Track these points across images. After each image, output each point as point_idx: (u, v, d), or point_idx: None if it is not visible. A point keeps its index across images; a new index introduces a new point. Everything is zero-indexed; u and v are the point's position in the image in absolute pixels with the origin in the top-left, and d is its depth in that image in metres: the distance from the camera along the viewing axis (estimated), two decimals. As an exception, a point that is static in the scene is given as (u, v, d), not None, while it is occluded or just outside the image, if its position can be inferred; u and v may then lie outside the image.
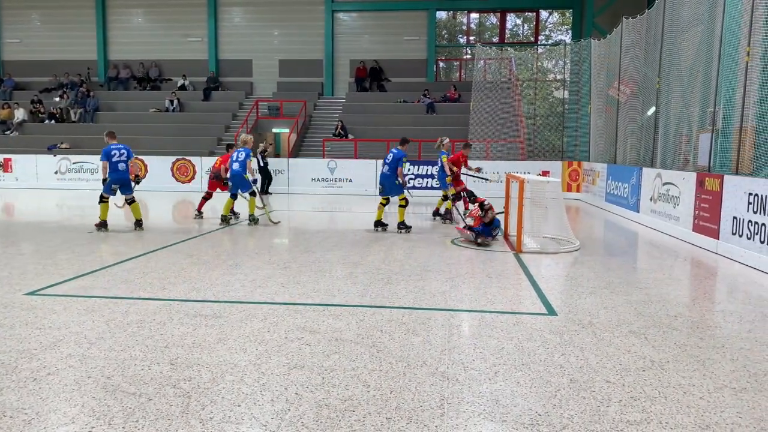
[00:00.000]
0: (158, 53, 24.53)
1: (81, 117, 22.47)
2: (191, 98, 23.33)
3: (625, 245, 9.86)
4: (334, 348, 4.09)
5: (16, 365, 3.70)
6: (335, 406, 3.18)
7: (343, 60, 24.05)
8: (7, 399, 3.21)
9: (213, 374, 3.60)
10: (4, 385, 3.39)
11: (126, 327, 4.51)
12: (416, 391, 3.39)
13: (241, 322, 4.66)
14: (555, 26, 26.19)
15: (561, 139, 20.71)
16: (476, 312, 5.15)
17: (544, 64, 24.40)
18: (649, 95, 12.79)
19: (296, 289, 5.81)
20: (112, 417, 3.02)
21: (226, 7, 24.23)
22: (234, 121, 22.17)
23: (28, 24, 25.07)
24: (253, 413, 3.09)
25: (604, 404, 3.25)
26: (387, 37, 23.77)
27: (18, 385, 3.39)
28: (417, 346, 4.16)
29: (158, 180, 18.18)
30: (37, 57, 24.89)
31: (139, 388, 3.38)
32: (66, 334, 4.33)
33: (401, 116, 21.44)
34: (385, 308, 5.14)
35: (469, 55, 25.42)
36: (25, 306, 5.08)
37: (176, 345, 4.11)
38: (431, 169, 17.52)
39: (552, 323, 4.76)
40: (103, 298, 5.36)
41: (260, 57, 24.29)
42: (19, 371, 3.60)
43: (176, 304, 5.21)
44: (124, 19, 24.72)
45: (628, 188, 12.42)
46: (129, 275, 6.37)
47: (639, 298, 5.64)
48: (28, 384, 3.42)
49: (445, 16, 25.67)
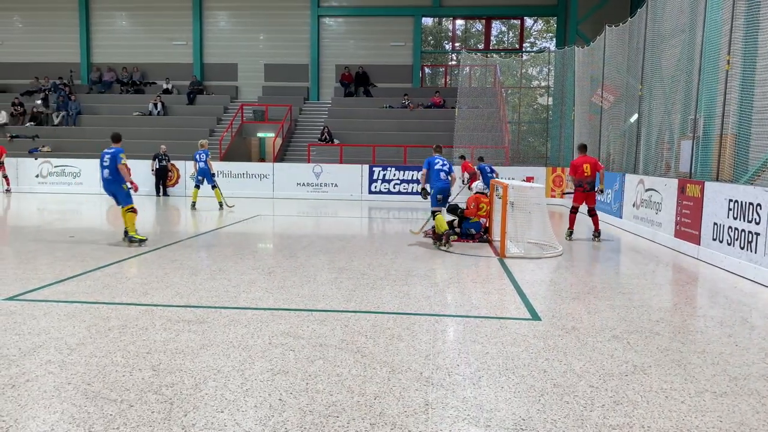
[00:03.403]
0: (142, 56, 24.33)
1: (63, 120, 22.21)
2: (176, 102, 23.18)
3: (608, 251, 9.94)
4: (318, 353, 4.07)
5: (-6, 372, 3.63)
6: (319, 412, 3.16)
7: (328, 65, 24.05)
8: (-15, 406, 3.15)
9: (196, 380, 3.56)
10: (-19, 392, 3.33)
11: (107, 332, 4.45)
12: (400, 396, 3.39)
13: (225, 328, 4.62)
14: (540, 33, 26.43)
15: (545, 145, 20.87)
16: (460, 317, 5.16)
17: (529, 70, 24.62)
18: (632, 102, 12.94)
19: (280, 295, 5.78)
20: (92, 424, 2.98)
21: (212, 11, 24.12)
22: (219, 125, 22.06)
23: (9, 26, 24.76)
24: (236, 419, 3.07)
25: (587, 409, 3.27)
26: (373, 42, 23.82)
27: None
28: (401, 351, 4.15)
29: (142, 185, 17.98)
30: (18, 59, 24.56)
31: (121, 394, 3.34)
32: (46, 339, 4.26)
33: (386, 121, 21.48)
34: (370, 313, 5.13)
35: (454, 61, 25.56)
36: (3, 311, 4.99)
37: (158, 351, 4.07)
38: (416, 174, 17.57)
39: (536, 328, 4.78)
40: (84, 304, 5.29)
41: (245, 61, 24.20)
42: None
43: (159, 309, 5.15)
44: (107, 22, 24.50)
45: (611, 194, 12.54)
46: (111, 280, 6.29)
47: (622, 303, 5.69)
48: (6, 391, 3.36)
49: (431, 23, 25.79)
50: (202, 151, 13.95)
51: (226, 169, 18.05)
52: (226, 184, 16.83)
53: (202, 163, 13.75)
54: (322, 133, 20.55)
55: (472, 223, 9.41)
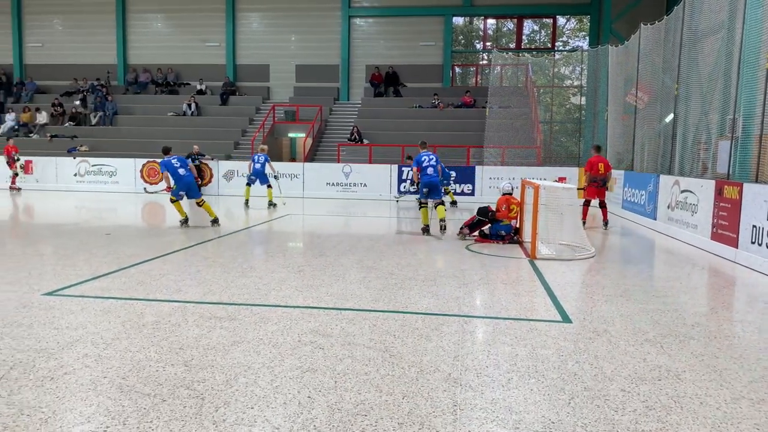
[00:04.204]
0: (177, 58, 24.79)
1: (100, 120, 22.77)
2: (209, 103, 23.55)
3: (641, 253, 9.76)
4: (346, 352, 4.09)
5: (34, 364, 3.75)
6: (348, 410, 3.18)
7: (359, 65, 24.13)
8: (25, 397, 3.26)
9: (227, 376, 3.62)
10: (22, 384, 3.44)
11: (141, 328, 4.55)
12: (429, 396, 3.38)
13: (255, 325, 4.68)
14: (572, 32, 26.07)
15: (578, 145, 20.59)
16: (490, 318, 5.13)
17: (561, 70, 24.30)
18: (667, 102, 12.67)
19: (310, 293, 5.83)
20: (126, 417, 3.05)
21: (244, 13, 24.43)
22: (251, 126, 22.33)
23: (50, 28, 25.47)
24: (266, 416, 3.11)
25: (618, 413, 3.22)
26: (403, 42, 23.81)
27: (35, 384, 3.44)
28: (430, 351, 4.15)
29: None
30: (58, 61, 25.26)
31: (154, 389, 3.41)
32: (83, 334, 4.38)
33: (416, 121, 21.46)
34: (398, 313, 5.13)
35: (485, 60, 25.39)
36: (43, 306, 5.15)
37: (191, 347, 4.14)
38: (446, 175, 17.56)
39: (566, 330, 4.72)
40: (119, 300, 5.42)
41: (277, 62, 24.45)
42: (37, 370, 3.65)
43: (191, 306, 5.25)
44: (143, 24, 25.03)
45: (645, 195, 12.31)
46: (145, 277, 6.43)
47: (655, 306, 5.58)
48: (45, 383, 3.47)
49: (461, 22, 25.67)
50: (262, 154, 14.53)
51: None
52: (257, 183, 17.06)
53: (259, 165, 14.36)
54: (352, 133, 20.63)
55: (503, 225, 9.34)
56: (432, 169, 9.93)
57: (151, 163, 18.75)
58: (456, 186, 17.62)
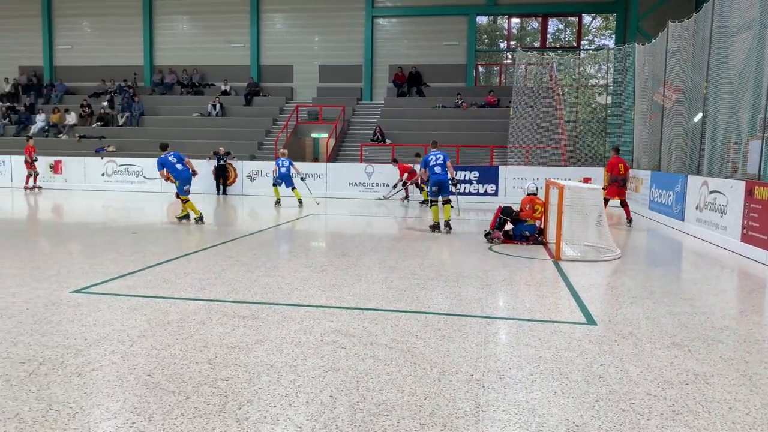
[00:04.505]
0: (202, 59, 25.09)
1: (127, 121, 23.15)
2: (233, 103, 23.78)
3: (668, 254, 9.59)
4: (368, 352, 4.09)
5: (63, 360, 3.82)
6: (369, 410, 3.18)
7: (382, 65, 24.15)
8: (54, 393, 3.32)
9: (250, 374, 3.65)
10: (51, 380, 3.51)
11: (167, 326, 4.61)
12: (451, 397, 3.37)
13: (278, 324, 4.71)
14: (598, 31, 25.76)
15: (603, 145, 20.32)
16: (513, 320, 5.09)
17: (587, 69, 24.02)
18: (696, 101, 12.43)
19: (332, 293, 5.84)
20: (152, 414, 3.09)
21: (268, 14, 24.62)
22: (274, 126, 22.49)
23: (79, 31, 25.98)
24: (288, 414, 3.12)
25: (644, 417, 3.16)
26: (426, 42, 23.76)
27: (64, 380, 3.51)
28: (452, 352, 4.13)
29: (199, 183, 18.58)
30: (86, 62, 25.75)
31: (179, 386, 3.45)
32: (110, 331, 4.46)
33: (439, 121, 21.39)
34: (421, 313, 5.12)
35: (509, 59, 25.20)
36: (71, 303, 5.25)
37: (215, 345, 4.18)
38: (470, 175, 17.50)
39: (591, 333, 4.66)
40: (145, 297, 5.50)
41: (301, 63, 24.59)
42: (65, 366, 3.72)
43: (215, 304, 5.30)
44: (169, 26, 25.39)
45: (673, 196, 12.09)
46: (170, 275, 6.51)
47: (683, 309, 5.48)
48: (73, 379, 3.53)
49: (485, 21, 25.52)
50: (285, 159, 15.33)
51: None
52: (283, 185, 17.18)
53: (284, 169, 15.10)
54: (375, 133, 20.64)
55: (527, 225, 9.26)
56: (440, 167, 10.20)
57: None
58: (479, 186, 17.54)
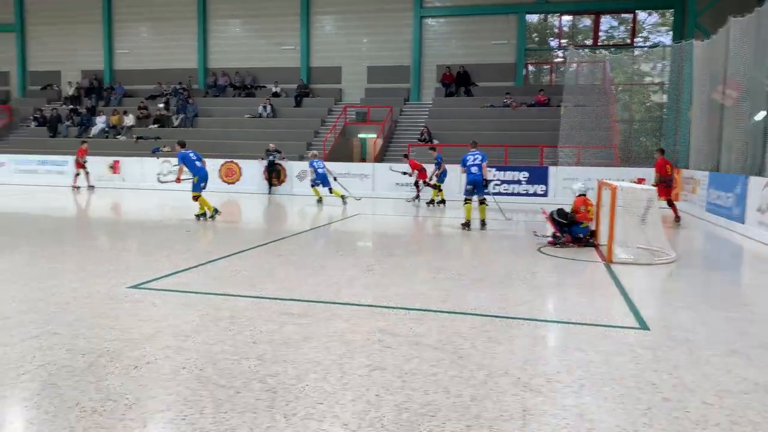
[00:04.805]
0: (254, 61, 25.60)
1: (182, 122, 23.85)
2: (283, 104, 24.16)
3: (727, 258, 9.21)
4: (414, 352, 4.10)
5: (120, 353, 3.98)
6: (415, 410, 3.18)
7: (429, 65, 24.08)
8: (111, 384, 3.46)
9: (298, 371, 3.71)
10: (109, 371, 3.65)
11: (218, 322, 4.73)
12: (497, 400, 3.34)
13: (326, 322, 4.77)
14: (654, 27, 24.94)
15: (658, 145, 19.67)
16: (562, 323, 4.99)
17: (642, 66, 23.31)
18: (758, 99, 11.89)
19: (379, 292, 5.87)
20: (203, 407, 3.18)
21: (318, 16, 24.92)
22: (322, 127, 22.74)
23: (137, 35, 26.93)
24: (334, 412, 3.16)
25: (699, 426, 3.05)
26: (475, 41, 23.55)
27: (121, 372, 3.65)
28: (499, 354, 4.09)
29: (250, 182, 19.02)
30: (144, 66, 26.66)
31: (229, 381, 3.54)
32: (164, 326, 4.61)
33: (487, 121, 21.18)
34: (467, 315, 5.09)
35: (560, 58, 24.71)
36: (129, 298, 5.45)
37: (264, 341, 4.27)
38: (518, 175, 17.28)
39: (644, 338, 4.53)
40: (197, 294, 5.66)
41: (349, 64, 24.78)
42: (123, 359, 3.87)
43: (265, 301, 5.41)
44: (222, 29, 26.02)
45: (733, 198, 11.60)
46: (222, 273, 6.68)
47: (742, 315, 5.26)
48: (130, 371, 3.67)
49: (535, 20, 25.10)
50: (318, 160, 15.87)
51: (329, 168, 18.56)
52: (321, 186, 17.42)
53: (321, 170, 15.52)
54: (422, 133, 20.61)
55: (582, 227, 9.04)
56: (476, 168, 10.58)
57: (228, 163, 19.44)
58: (528, 187, 17.27)
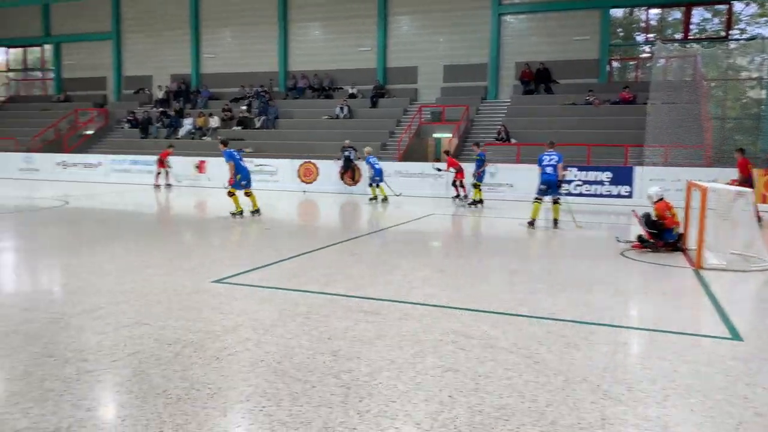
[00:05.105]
0: (332, 63, 26.08)
1: (263, 124, 24.66)
2: (360, 105, 24.48)
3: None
4: (488, 355, 4.04)
5: (203, 344, 4.16)
6: (489, 413, 3.14)
7: (508, 63, 23.65)
8: (195, 373, 3.63)
9: (371, 369, 3.74)
10: (193, 361, 3.83)
11: (295, 317, 4.86)
12: (575, 407, 3.23)
13: (399, 321, 4.79)
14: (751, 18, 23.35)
15: (755, 143, 18.42)
16: (646, 330, 4.77)
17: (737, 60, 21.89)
18: None
19: (452, 293, 5.83)
20: (281, 399, 3.28)
21: (395, 17, 25.05)
22: (398, 127, 22.85)
23: (222, 40, 28.08)
24: (407, 410, 3.17)
25: (800, 447, 2.83)
26: (555, 37, 22.90)
27: (204, 362, 3.82)
28: (578, 360, 3.96)
29: (327, 182, 19.37)
30: (228, 70, 27.77)
31: (305, 375, 3.63)
32: (245, 319, 4.78)
33: (568, 119, 20.56)
34: (545, 319, 4.96)
35: (647, 53, 23.63)
36: (211, 292, 5.69)
37: (338, 338, 4.34)
38: (601, 175, 16.64)
39: (736, 349, 4.25)
40: (276, 289, 5.83)
41: (425, 63, 24.74)
42: (206, 350, 4.05)
43: (340, 298, 5.50)
44: (302, 33, 26.67)
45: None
46: (299, 269, 6.85)
47: None
48: (212, 362, 3.83)
49: (620, 14, 24.12)
50: (373, 156, 16.02)
51: (403, 168, 18.63)
52: (404, 182, 17.52)
53: (378, 165, 15.73)
54: (499, 132, 20.28)
55: (673, 233, 8.59)
56: (551, 168, 10.81)
57: (307, 163, 19.90)
58: (611, 187, 16.61)
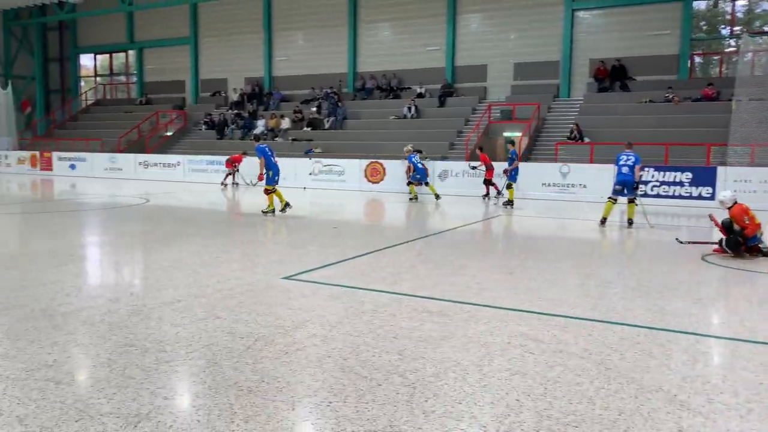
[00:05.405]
0: (399, 63, 26.16)
1: (332, 125, 25.06)
2: (427, 105, 24.43)
3: None
4: (558, 360, 3.93)
5: (273, 339, 4.27)
6: (557, 419, 3.06)
7: (581, 60, 22.95)
8: (265, 367, 3.73)
9: (437, 369, 3.73)
10: (263, 355, 3.94)
11: (361, 315, 4.91)
12: (649, 417, 3.10)
13: (465, 322, 4.74)
14: None
15: None
16: (729, 339, 4.52)
17: (835, 52, 20.32)
18: None
19: (521, 296, 5.72)
20: (347, 396, 3.32)
21: (465, 15, 24.82)
22: (466, 126, 22.64)
23: (293, 43, 28.74)
24: (473, 412, 3.13)
25: None
26: (632, 32, 22.02)
27: (273, 357, 3.92)
28: (652, 369, 3.79)
29: (393, 182, 19.40)
30: (298, 72, 28.39)
31: (371, 372, 3.66)
32: (313, 316, 4.87)
33: (646, 117, 19.73)
34: (618, 325, 4.78)
35: (732, 47, 22.34)
36: (281, 288, 5.84)
37: (404, 337, 4.35)
38: (680, 176, 15.86)
39: (831, 363, 3.95)
40: (343, 287, 5.90)
41: (495, 61, 24.38)
42: (275, 345, 4.16)
43: (406, 298, 5.50)
44: (370, 34, 26.90)
45: None
46: (366, 268, 6.91)
47: None
48: (281, 356, 3.93)
49: (703, 6, 22.91)
50: (414, 155, 16.41)
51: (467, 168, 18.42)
52: (472, 183, 17.34)
53: (420, 165, 16.31)
54: (572, 131, 19.72)
55: (756, 238, 8.08)
56: (627, 168, 10.85)
57: (373, 163, 20.06)
58: (692, 189, 15.81)
